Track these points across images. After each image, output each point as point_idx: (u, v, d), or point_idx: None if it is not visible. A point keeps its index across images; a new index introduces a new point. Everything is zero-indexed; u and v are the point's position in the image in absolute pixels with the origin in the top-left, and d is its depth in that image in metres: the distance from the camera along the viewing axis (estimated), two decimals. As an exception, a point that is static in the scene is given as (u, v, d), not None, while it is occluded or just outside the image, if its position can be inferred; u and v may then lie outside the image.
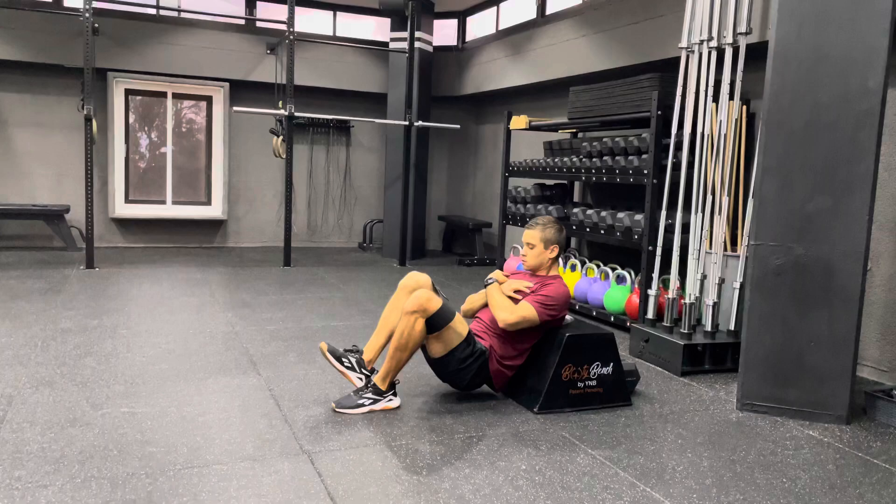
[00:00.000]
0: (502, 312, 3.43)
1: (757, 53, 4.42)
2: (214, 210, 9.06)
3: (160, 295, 5.88)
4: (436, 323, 3.27)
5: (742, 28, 4.36)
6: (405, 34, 8.26)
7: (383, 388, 3.33)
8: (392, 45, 8.62)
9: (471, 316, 3.71)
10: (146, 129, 8.90)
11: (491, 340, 3.50)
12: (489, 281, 3.61)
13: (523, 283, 3.56)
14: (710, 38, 4.50)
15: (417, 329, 3.23)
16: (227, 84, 8.75)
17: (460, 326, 3.37)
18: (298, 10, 7.67)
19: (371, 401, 3.32)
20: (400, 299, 3.48)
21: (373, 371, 3.44)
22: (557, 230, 3.61)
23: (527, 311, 3.42)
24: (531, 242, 3.60)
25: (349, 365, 3.42)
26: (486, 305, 3.63)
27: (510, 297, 3.52)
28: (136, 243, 8.73)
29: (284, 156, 7.83)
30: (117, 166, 8.50)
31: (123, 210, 8.60)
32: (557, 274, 3.64)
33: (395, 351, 3.27)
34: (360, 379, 3.41)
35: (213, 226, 9.11)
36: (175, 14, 8.45)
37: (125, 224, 8.66)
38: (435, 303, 3.25)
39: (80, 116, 7.18)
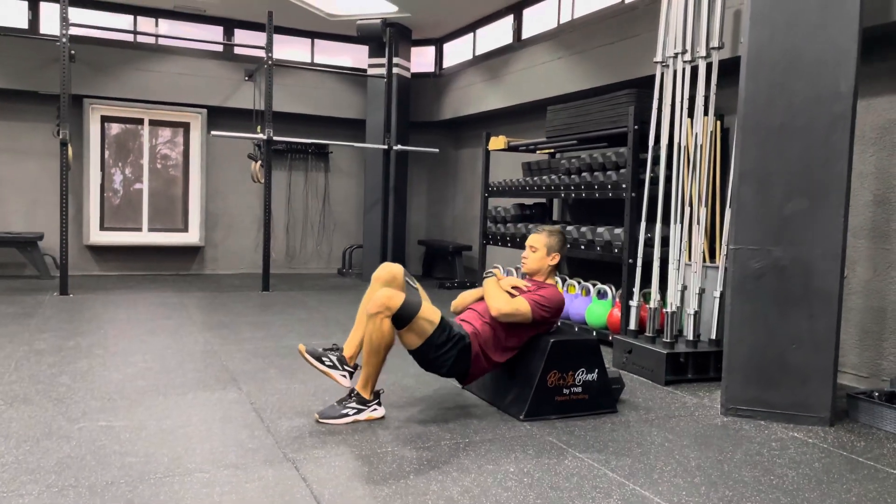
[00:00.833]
0: (497, 301, 3.41)
1: (729, 70, 4.53)
2: (191, 237, 8.97)
3: (136, 318, 5.78)
4: (403, 317, 3.18)
5: (714, 42, 4.47)
6: (383, 60, 8.35)
7: (367, 396, 3.28)
8: (370, 72, 8.70)
9: (460, 312, 3.68)
10: (122, 156, 8.83)
11: (478, 324, 3.44)
12: (488, 274, 3.60)
13: (521, 282, 3.57)
14: (684, 52, 4.60)
15: (385, 329, 3.16)
16: (204, 110, 8.74)
17: (431, 314, 3.27)
18: (276, 37, 7.71)
19: (355, 410, 3.26)
20: (374, 291, 3.39)
21: (356, 367, 3.37)
22: (562, 241, 3.65)
23: (521, 304, 3.42)
24: (535, 246, 3.62)
25: (330, 364, 3.35)
26: (477, 301, 3.62)
27: (507, 293, 3.51)
28: (111, 271, 8.59)
29: (263, 181, 7.80)
30: (92, 193, 8.40)
31: (98, 237, 8.48)
32: (554, 283, 3.65)
33: (369, 356, 3.20)
34: (345, 376, 3.34)
35: (190, 252, 9.01)
36: (153, 41, 8.46)
37: (100, 251, 8.53)
38: (397, 299, 3.18)
39: (55, 143, 7.13)
